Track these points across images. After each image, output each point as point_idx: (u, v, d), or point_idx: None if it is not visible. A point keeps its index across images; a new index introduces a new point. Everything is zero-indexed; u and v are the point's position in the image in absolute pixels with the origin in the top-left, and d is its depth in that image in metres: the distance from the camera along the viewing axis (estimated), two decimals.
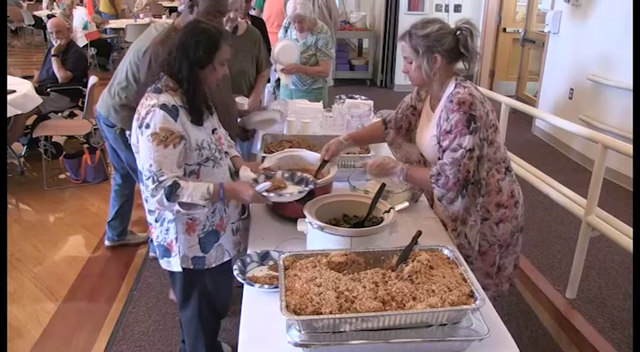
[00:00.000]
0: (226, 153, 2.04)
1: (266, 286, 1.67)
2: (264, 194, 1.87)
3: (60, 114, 5.39)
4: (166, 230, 1.94)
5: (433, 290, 1.41)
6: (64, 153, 5.18)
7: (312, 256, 1.58)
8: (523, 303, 3.12)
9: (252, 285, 1.68)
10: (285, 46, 3.92)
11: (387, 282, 1.45)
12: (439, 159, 1.92)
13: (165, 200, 1.76)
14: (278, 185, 1.96)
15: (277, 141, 2.73)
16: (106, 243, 3.70)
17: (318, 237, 1.74)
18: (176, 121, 1.78)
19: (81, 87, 5.29)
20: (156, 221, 1.97)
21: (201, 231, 1.96)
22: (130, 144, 3.03)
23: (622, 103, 4.68)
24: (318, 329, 1.33)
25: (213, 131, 1.96)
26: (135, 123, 1.84)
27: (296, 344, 1.33)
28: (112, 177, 3.58)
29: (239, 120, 2.91)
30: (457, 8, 7.96)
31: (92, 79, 4.97)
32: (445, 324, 1.38)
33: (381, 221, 1.84)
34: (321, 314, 1.32)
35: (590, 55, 5.14)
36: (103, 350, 2.72)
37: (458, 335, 1.37)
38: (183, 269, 1.98)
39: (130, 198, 3.46)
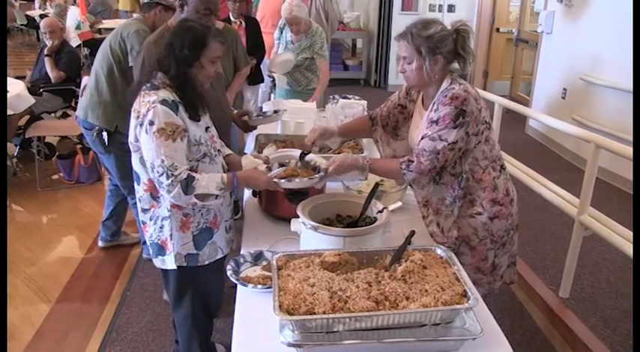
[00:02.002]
0: (219, 150, 2.04)
1: (259, 286, 1.67)
2: (276, 180, 1.89)
3: (53, 114, 5.37)
4: (160, 227, 1.94)
5: (426, 290, 1.42)
6: (57, 153, 5.15)
7: (306, 256, 1.58)
8: (516, 302, 3.13)
9: (245, 285, 1.68)
10: (286, 61, 3.95)
11: (380, 282, 1.45)
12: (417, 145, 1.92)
13: (182, 194, 1.76)
14: (291, 173, 1.98)
15: (271, 141, 2.73)
16: (100, 243, 3.69)
17: (312, 237, 1.74)
18: (177, 115, 1.79)
19: (74, 87, 5.26)
20: (150, 219, 1.96)
21: (195, 229, 1.96)
22: (107, 147, 3.07)
23: (614, 103, 4.70)
24: (311, 329, 1.33)
25: (207, 129, 1.97)
26: (134, 122, 1.83)
27: (289, 344, 1.33)
28: (108, 177, 3.57)
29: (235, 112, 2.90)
30: (451, 8, 7.97)
31: (85, 80, 4.92)
32: (438, 324, 1.38)
33: (375, 221, 1.85)
34: (315, 314, 1.32)
35: (583, 55, 5.17)
36: (96, 351, 2.71)
37: (451, 335, 1.38)
38: (178, 267, 1.98)
39: (125, 199, 3.45)
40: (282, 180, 1.91)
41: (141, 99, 1.83)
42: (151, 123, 1.76)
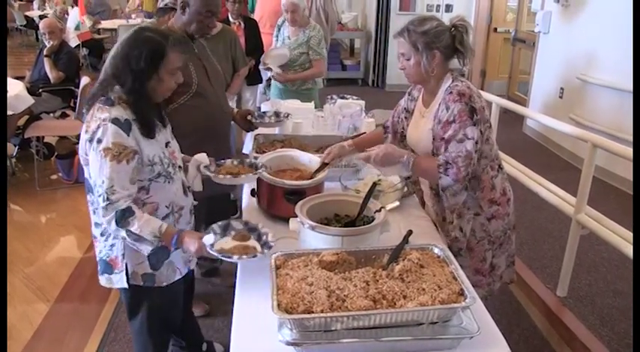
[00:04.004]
0: (180, 167, 1.93)
1: (245, 256, 1.62)
2: (208, 174, 1.98)
3: (52, 114, 5.37)
4: (111, 245, 1.84)
5: (424, 289, 1.43)
6: (55, 153, 5.16)
7: (304, 255, 1.59)
8: (514, 301, 3.14)
9: (230, 258, 1.62)
10: (281, 54, 3.94)
11: (377, 281, 1.46)
12: (444, 150, 1.90)
13: (114, 223, 1.66)
14: (229, 171, 2.05)
15: (269, 141, 2.74)
16: None
17: (310, 237, 1.74)
18: (129, 136, 1.68)
19: (73, 87, 5.27)
20: (101, 235, 1.85)
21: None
22: None
23: (611, 102, 4.72)
24: (309, 328, 1.34)
25: (167, 144, 1.87)
26: (84, 136, 1.74)
27: (288, 343, 1.33)
28: None
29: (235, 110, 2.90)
30: (448, 8, 7.99)
31: (84, 80, 4.95)
32: (436, 322, 1.39)
33: (372, 220, 1.85)
34: (313, 312, 1.33)
35: (580, 54, 5.18)
36: (95, 350, 2.71)
37: (448, 334, 1.38)
38: (131, 285, 1.86)
39: None
40: (213, 175, 1.99)
41: (94, 112, 1.71)
42: (99, 141, 1.67)
